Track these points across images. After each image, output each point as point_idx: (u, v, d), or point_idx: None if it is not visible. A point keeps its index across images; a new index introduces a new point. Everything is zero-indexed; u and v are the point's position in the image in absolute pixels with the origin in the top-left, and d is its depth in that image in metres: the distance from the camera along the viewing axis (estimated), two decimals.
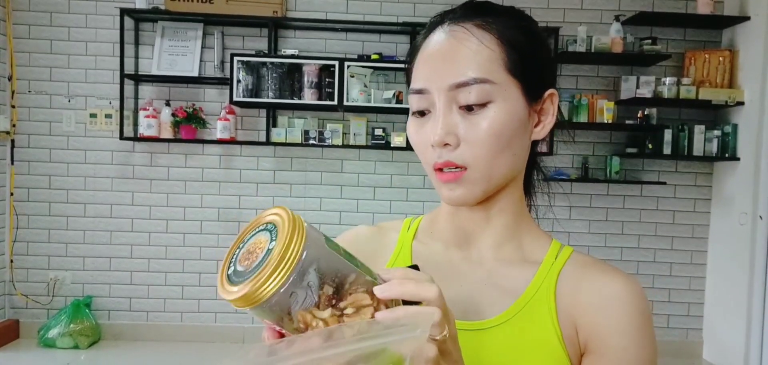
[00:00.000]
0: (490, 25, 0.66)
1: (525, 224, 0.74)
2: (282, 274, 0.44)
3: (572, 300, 0.68)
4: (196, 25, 3.83)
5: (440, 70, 0.65)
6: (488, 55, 0.64)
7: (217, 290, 0.48)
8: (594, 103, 3.81)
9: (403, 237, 0.79)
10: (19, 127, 3.87)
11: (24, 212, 3.91)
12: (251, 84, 3.71)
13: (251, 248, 0.48)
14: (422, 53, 0.69)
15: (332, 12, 3.90)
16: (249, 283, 0.44)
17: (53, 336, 3.69)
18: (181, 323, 3.98)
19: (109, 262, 3.97)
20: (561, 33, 3.80)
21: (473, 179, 0.66)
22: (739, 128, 3.78)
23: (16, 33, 3.83)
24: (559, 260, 0.71)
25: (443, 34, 0.67)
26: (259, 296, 0.44)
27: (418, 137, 0.69)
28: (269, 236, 0.48)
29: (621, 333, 0.65)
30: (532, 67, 0.67)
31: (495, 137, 0.65)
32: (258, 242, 0.48)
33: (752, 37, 3.68)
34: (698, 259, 4.06)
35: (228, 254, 0.50)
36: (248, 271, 0.45)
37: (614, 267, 0.71)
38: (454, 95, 0.65)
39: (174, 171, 3.95)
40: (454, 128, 0.65)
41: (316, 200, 4.00)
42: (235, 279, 0.46)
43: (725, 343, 3.87)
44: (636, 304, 0.66)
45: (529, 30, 0.68)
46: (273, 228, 0.48)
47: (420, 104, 0.68)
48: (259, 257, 0.46)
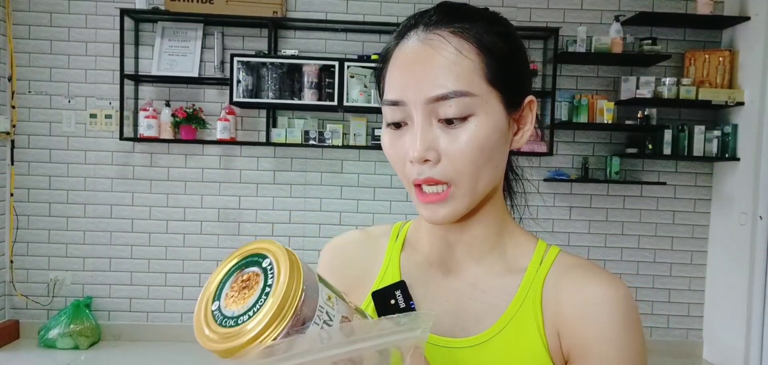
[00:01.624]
0: (467, 32, 0.62)
1: (508, 231, 0.73)
2: (282, 321, 0.41)
3: (555, 308, 0.66)
4: (196, 26, 3.83)
5: (417, 82, 0.62)
6: (467, 65, 0.61)
7: (196, 333, 0.42)
8: (594, 103, 3.81)
9: (392, 248, 0.77)
10: (19, 127, 3.87)
11: (24, 213, 3.91)
12: (251, 84, 3.71)
13: (240, 286, 0.44)
14: (395, 60, 0.65)
15: (332, 12, 3.90)
16: (245, 333, 0.40)
17: (53, 336, 3.68)
18: (181, 323, 3.98)
19: (109, 262, 3.97)
20: (561, 33, 3.80)
21: (457, 195, 0.64)
22: (739, 128, 3.78)
23: (16, 33, 3.83)
24: (544, 265, 0.69)
25: (418, 40, 0.63)
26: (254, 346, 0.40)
27: (394, 150, 0.66)
28: (262, 274, 0.44)
29: (602, 340, 0.62)
30: (511, 75, 0.65)
31: (477, 150, 0.62)
32: (248, 280, 0.44)
33: (752, 37, 3.68)
34: (698, 259, 4.06)
35: (208, 288, 0.45)
36: (242, 315, 0.41)
37: (599, 269, 0.67)
38: (433, 108, 0.61)
39: (174, 172, 3.95)
40: (433, 142, 0.62)
41: (316, 200, 4.00)
42: (227, 323, 0.42)
43: (725, 343, 3.87)
44: (618, 309, 0.63)
45: (507, 35, 0.65)
46: (269, 266, 0.44)
47: (395, 115, 0.64)
48: (252, 299, 0.42)
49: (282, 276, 0.42)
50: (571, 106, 3.83)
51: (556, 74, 3.77)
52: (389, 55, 0.67)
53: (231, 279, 0.45)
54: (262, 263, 0.44)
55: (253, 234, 3.97)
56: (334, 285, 0.50)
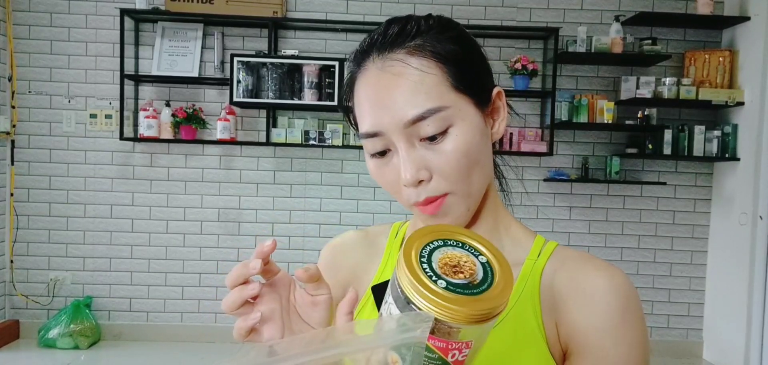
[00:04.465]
0: (422, 49, 0.63)
1: (504, 225, 0.73)
2: (509, 293, 0.46)
3: (553, 299, 0.66)
4: (196, 26, 3.83)
5: (388, 111, 0.62)
6: (432, 81, 0.62)
7: (429, 297, 0.44)
8: (594, 103, 3.81)
9: (391, 244, 0.78)
10: (19, 127, 3.87)
11: (24, 213, 3.91)
12: (251, 84, 3.71)
13: (451, 262, 0.48)
14: (360, 93, 0.65)
15: (332, 12, 3.90)
16: (490, 297, 0.45)
17: (53, 336, 3.69)
18: (181, 323, 3.98)
19: (109, 262, 3.97)
20: (561, 33, 3.80)
21: (454, 204, 0.65)
22: (739, 128, 3.78)
23: (16, 33, 3.83)
24: (541, 258, 0.69)
25: (377, 69, 0.63)
26: (498, 310, 0.45)
27: (384, 178, 0.67)
28: (469, 254, 0.49)
29: (599, 330, 0.62)
30: (473, 75, 0.65)
31: (464, 157, 0.63)
32: (455, 257, 0.48)
33: (752, 38, 3.69)
34: (698, 259, 4.06)
35: (409, 256, 0.48)
36: (474, 286, 0.46)
37: (597, 260, 0.67)
38: (412, 130, 0.62)
39: (174, 172, 3.95)
40: (421, 161, 0.63)
41: (316, 200, 4.00)
42: (459, 290, 0.45)
43: (725, 343, 3.87)
44: (616, 299, 0.63)
45: (459, 38, 0.66)
46: (471, 249, 0.50)
47: (375, 146, 0.65)
48: (478, 274, 0.47)
49: (496, 257, 0.49)
50: (571, 106, 3.83)
51: (556, 74, 3.77)
52: (353, 85, 0.67)
53: (436, 257, 0.48)
54: (461, 246, 0.50)
55: (253, 234, 3.98)
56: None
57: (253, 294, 0.55)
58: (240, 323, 0.55)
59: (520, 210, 3.78)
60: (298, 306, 0.58)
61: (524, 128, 3.89)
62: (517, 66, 3.70)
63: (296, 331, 0.57)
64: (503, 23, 3.88)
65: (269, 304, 0.56)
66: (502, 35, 3.88)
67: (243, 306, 0.55)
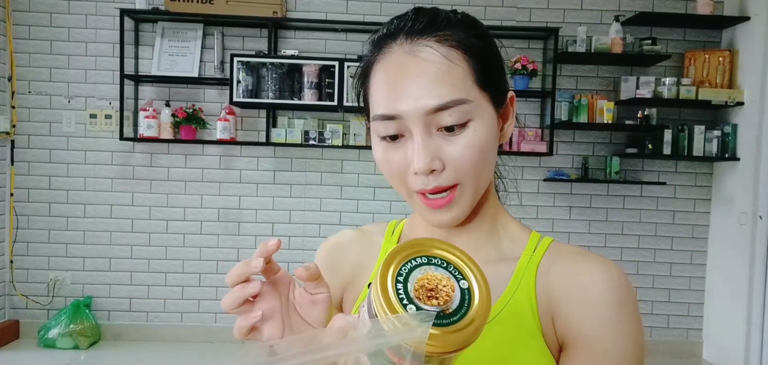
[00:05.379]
0: (451, 39, 0.63)
1: (501, 222, 0.74)
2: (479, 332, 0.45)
3: (548, 293, 0.66)
4: (196, 26, 3.83)
5: (411, 94, 0.61)
6: (460, 73, 0.62)
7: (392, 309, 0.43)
8: (594, 103, 3.81)
9: (387, 244, 0.79)
10: (19, 127, 3.87)
11: (24, 213, 3.91)
12: (251, 84, 3.71)
13: (428, 285, 0.46)
14: (381, 74, 0.64)
15: (332, 12, 3.90)
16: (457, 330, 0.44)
17: (53, 336, 3.68)
18: (181, 323, 3.98)
19: (109, 262, 3.97)
20: (561, 33, 3.80)
21: (462, 198, 0.65)
22: (739, 128, 3.78)
23: (16, 33, 3.83)
24: (537, 253, 0.69)
25: (403, 52, 0.63)
26: (461, 346, 0.44)
27: (392, 163, 0.66)
28: (451, 277, 0.47)
29: (594, 323, 0.62)
30: (495, 75, 0.66)
31: (479, 153, 0.63)
32: (434, 279, 0.46)
33: (752, 38, 3.68)
34: (698, 259, 4.06)
35: (385, 275, 0.46)
36: (444, 316, 0.44)
37: (592, 254, 0.67)
38: (432, 118, 0.62)
39: (174, 172, 3.95)
40: (437, 151, 0.63)
41: (316, 200, 4.00)
42: (436, 320, 0.44)
43: (725, 343, 3.87)
44: (610, 292, 0.63)
45: (485, 36, 0.66)
46: (454, 271, 0.47)
47: (389, 129, 0.64)
48: (454, 301, 0.45)
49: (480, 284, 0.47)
50: (571, 106, 3.83)
51: (556, 74, 3.77)
52: (371, 69, 0.66)
53: (412, 278, 0.46)
54: (444, 267, 0.48)
55: (253, 234, 3.98)
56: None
57: (254, 293, 0.55)
58: (241, 321, 0.55)
59: (520, 210, 3.78)
60: (297, 305, 0.58)
61: (524, 127, 3.88)
62: (517, 66, 3.70)
63: (296, 330, 0.57)
64: (503, 23, 3.88)
65: (270, 302, 0.56)
66: (501, 35, 3.87)
67: (243, 305, 0.55)
